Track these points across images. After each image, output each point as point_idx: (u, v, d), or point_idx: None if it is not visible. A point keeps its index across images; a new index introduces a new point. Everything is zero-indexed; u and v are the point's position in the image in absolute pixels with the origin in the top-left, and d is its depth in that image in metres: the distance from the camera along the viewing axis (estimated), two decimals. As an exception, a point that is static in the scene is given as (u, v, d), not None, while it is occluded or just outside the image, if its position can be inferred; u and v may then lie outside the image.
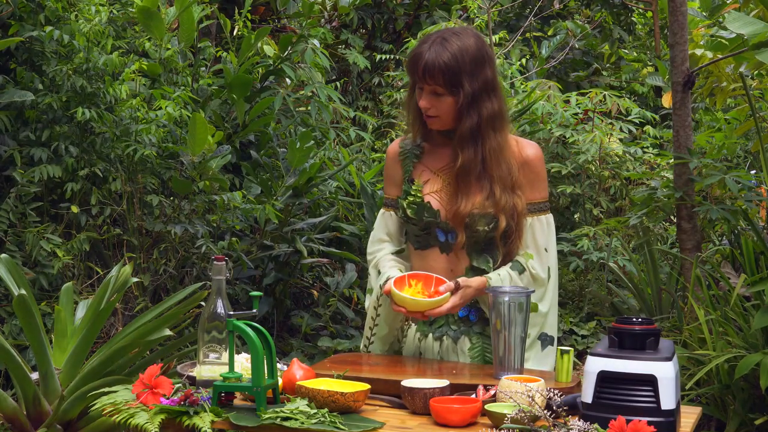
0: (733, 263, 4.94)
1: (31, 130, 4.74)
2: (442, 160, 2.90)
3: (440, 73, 2.73)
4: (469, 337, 2.87)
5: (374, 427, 2.25)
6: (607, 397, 2.16)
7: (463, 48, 2.75)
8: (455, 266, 2.86)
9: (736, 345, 4.25)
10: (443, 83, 2.74)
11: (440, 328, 2.89)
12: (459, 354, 2.87)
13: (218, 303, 2.41)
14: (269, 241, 5.31)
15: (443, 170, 2.89)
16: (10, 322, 4.38)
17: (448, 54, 2.74)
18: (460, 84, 2.74)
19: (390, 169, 2.99)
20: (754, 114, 4.88)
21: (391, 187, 2.99)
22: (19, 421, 3.63)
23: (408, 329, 2.94)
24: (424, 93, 2.78)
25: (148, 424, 2.22)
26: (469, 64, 2.75)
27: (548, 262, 2.85)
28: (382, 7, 8.18)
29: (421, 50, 2.77)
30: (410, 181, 2.91)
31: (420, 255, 2.90)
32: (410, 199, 2.87)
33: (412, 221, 2.87)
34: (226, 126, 5.52)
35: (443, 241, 2.86)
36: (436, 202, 2.86)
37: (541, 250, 2.84)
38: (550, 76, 8.74)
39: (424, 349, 2.90)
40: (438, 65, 2.72)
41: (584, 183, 6.96)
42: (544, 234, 2.86)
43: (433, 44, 2.76)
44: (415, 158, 2.93)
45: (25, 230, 4.56)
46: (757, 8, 4.87)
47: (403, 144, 2.97)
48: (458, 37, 2.78)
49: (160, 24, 5.04)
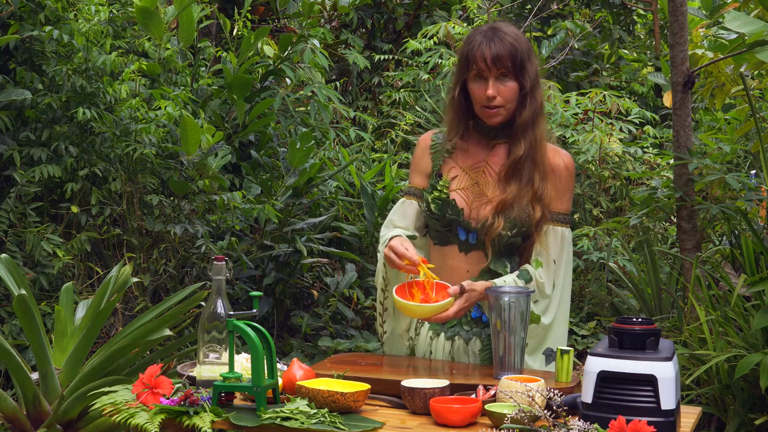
0: (733, 263, 4.94)
1: (30, 130, 4.74)
2: (472, 158, 2.89)
3: (509, 57, 2.75)
4: (480, 338, 2.86)
5: (374, 427, 2.25)
6: (607, 397, 2.16)
7: (518, 35, 2.80)
8: (472, 266, 2.85)
9: (736, 345, 4.25)
10: (511, 66, 2.76)
11: (452, 328, 2.88)
12: (470, 355, 2.86)
13: (218, 303, 2.41)
14: (269, 241, 5.31)
15: (473, 168, 2.88)
16: (10, 322, 4.38)
17: (510, 38, 2.77)
18: (525, 68, 2.78)
19: (419, 158, 2.98)
20: (754, 114, 4.88)
21: (416, 176, 2.97)
22: (19, 421, 3.63)
23: (421, 327, 2.93)
24: (491, 81, 2.78)
25: (148, 424, 2.22)
26: (527, 50, 2.80)
27: (555, 275, 2.82)
28: (381, 7, 8.17)
29: (476, 41, 2.78)
30: (438, 176, 2.89)
31: (439, 251, 2.89)
32: (435, 194, 2.86)
33: (434, 216, 2.86)
34: (226, 126, 5.52)
35: (463, 240, 2.85)
36: (462, 200, 2.84)
37: (550, 261, 2.81)
38: (550, 77, 8.73)
39: (435, 349, 2.89)
40: (507, 50, 2.75)
41: (584, 183, 6.96)
42: (557, 246, 2.83)
43: (489, 34, 2.78)
44: (447, 153, 2.92)
45: (26, 230, 4.56)
46: (757, 8, 4.87)
47: (436, 137, 2.96)
48: (508, 27, 2.82)
49: (159, 24, 5.04)
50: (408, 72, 7.47)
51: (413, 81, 7.52)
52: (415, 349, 2.93)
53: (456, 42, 7.39)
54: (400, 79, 7.75)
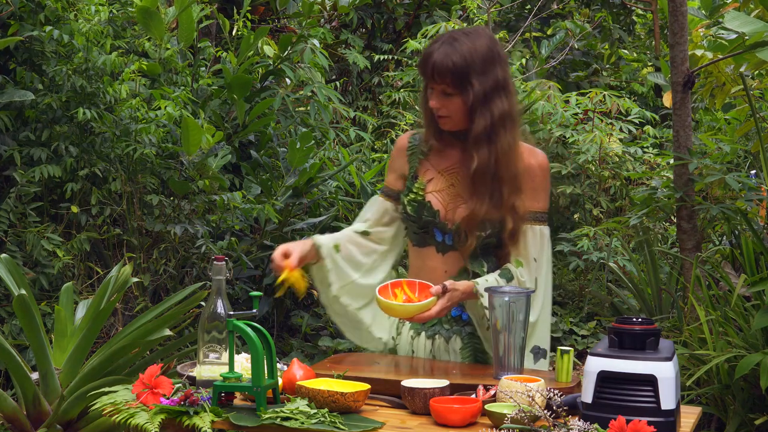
0: (733, 263, 4.94)
1: (30, 130, 4.74)
2: (448, 160, 2.90)
3: (448, 73, 2.73)
4: (460, 336, 2.88)
5: (374, 427, 2.25)
6: (607, 397, 2.16)
7: (472, 48, 2.76)
8: (450, 267, 2.87)
9: (736, 345, 4.25)
10: (451, 83, 2.74)
11: (432, 327, 2.90)
12: (451, 353, 2.88)
13: (218, 303, 2.41)
14: (269, 241, 5.31)
15: (448, 171, 2.89)
16: (10, 322, 4.38)
17: (457, 54, 2.74)
18: (469, 84, 2.74)
19: (393, 159, 3.00)
20: (754, 114, 4.88)
21: (390, 175, 3.00)
22: (19, 421, 3.63)
23: (402, 327, 2.95)
24: (434, 93, 2.79)
25: (148, 424, 2.22)
26: (479, 63, 2.75)
27: (536, 273, 2.83)
28: (381, 7, 8.17)
29: (431, 50, 2.78)
30: (414, 178, 2.91)
31: (418, 252, 2.91)
32: (411, 196, 2.88)
33: (411, 218, 2.88)
34: (226, 126, 5.52)
35: (440, 241, 2.87)
36: (437, 201, 2.86)
37: (530, 260, 2.82)
38: (550, 77, 8.74)
39: (417, 348, 2.91)
40: (446, 65, 2.73)
41: (584, 183, 6.97)
42: (536, 244, 2.84)
43: (443, 44, 2.77)
44: (422, 155, 2.93)
45: (26, 230, 4.56)
46: (757, 8, 4.87)
47: (413, 138, 2.98)
48: (468, 37, 2.78)
49: (159, 24, 5.04)
50: (408, 72, 7.47)
51: (413, 81, 7.52)
52: (397, 348, 2.94)
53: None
54: (400, 79, 7.75)
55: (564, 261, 6.70)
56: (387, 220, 2.98)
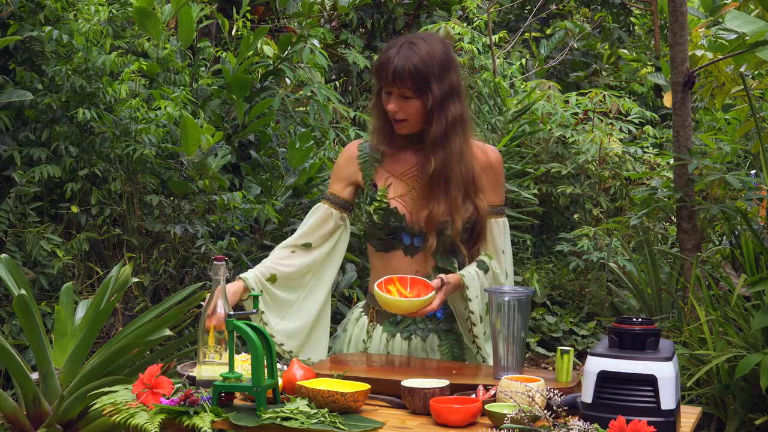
0: (733, 263, 4.94)
1: (30, 130, 4.74)
2: (404, 164, 2.93)
3: (409, 77, 2.76)
4: (437, 334, 2.92)
5: (374, 427, 2.25)
6: (607, 397, 2.16)
7: (431, 52, 2.79)
8: (420, 267, 2.90)
9: (736, 345, 4.25)
10: (412, 86, 2.78)
11: (407, 327, 2.93)
12: (429, 351, 2.91)
13: (218, 303, 2.41)
14: (269, 241, 5.30)
15: (406, 174, 2.92)
16: (10, 322, 4.38)
17: (417, 58, 2.77)
18: (429, 87, 2.78)
19: (341, 167, 3.00)
20: (755, 114, 4.88)
21: (335, 183, 3.00)
22: (19, 421, 3.63)
23: (373, 330, 2.96)
24: (393, 96, 2.81)
25: (148, 424, 2.22)
26: (437, 68, 2.80)
27: (505, 264, 2.93)
28: (381, 6, 8.17)
29: (389, 55, 2.80)
30: (373, 186, 2.92)
31: (382, 257, 2.93)
32: (376, 204, 2.89)
33: (378, 226, 2.89)
34: (225, 126, 5.52)
35: (408, 244, 2.90)
36: (402, 207, 2.89)
37: (499, 252, 2.92)
38: (550, 77, 8.74)
39: (392, 349, 2.92)
40: (407, 69, 2.76)
41: (584, 183, 6.97)
42: (502, 236, 2.93)
43: (401, 48, 2.80)
44: (376, 162, 2.95)
45: (25, 230, 4.56)
46: (757, 8, 4.87)
47: (362, 147, 2.99)
48: (425, 42, 2.82)
49: (156, 23, 5.04)
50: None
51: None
52: (368, 352, 2.95)
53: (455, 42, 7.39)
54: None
55: (564, 261, 6.71)
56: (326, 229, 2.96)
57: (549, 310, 6.64)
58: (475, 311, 2.82)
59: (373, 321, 2.96)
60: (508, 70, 7.39)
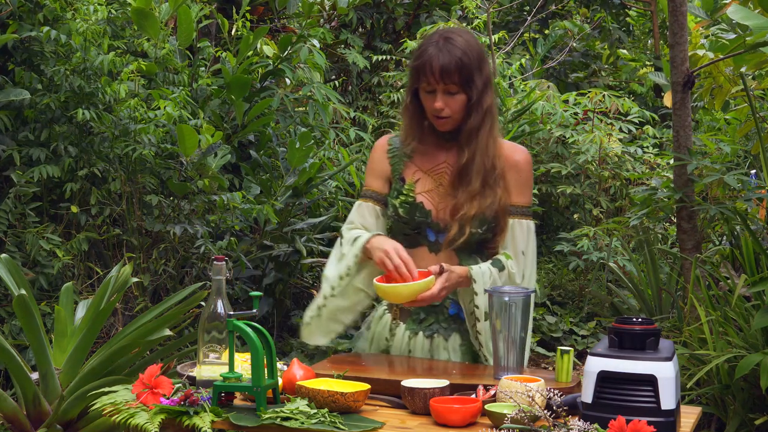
0: (733, 263, 4.94)
1: (29, 130, 4.73)
2: (432, 160, 2.93)
3: (456, 71, 2.77)
4: (459, 333, 2.90)
5: (374, 427, 2.25)
6: (607, 397, 2.16)
7: (468, 45, 2.81)
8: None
9: (736, 345, 4.25)
10: (458, 80, 2.78)
11: (430, 326, 2.91)
12: (450, 351, 2.89)
13: (218, 303, 2.41)
14: (269, 241, 5.30)
15: (434, 171, 2.91)
16: (10, 322, 4.38)
17: (459, 51, 2.78)
18: (473, 81, 2.79)
19: (376, 161, 2.99)
20: (754, 114, 4.88)
21: (373, 179, 2.99)
22: (19, 421, 3.63)
23: (396, 328, 2.94)
24: (438, 94, 2.80)
25: (148, 424, 2.22)
26: (476, 60, 2.81)
27: (524, 267, 2.88)
28: (381, 7, 8.17)
29: (429, 53, 2.79)
30: (401, 180, 2.92)
31: (407, 253, 2.91)
32: (402, 198, 2.88)
33: (403, 220, 2.88)
34: (225, 126, 5.52)
35: (433, 241, 2.89)
36: (428, 202, 2.88)
37: (519, 254, 2.88)
38: (550, 78, 8.74)
39: (414, 348, 2.91)
40: (454, 63, 2.76)
41: (584, 183, 6.97)
42: (524, 238, 2.89)
43: (439, 45, 2.79)
44: (406, 158, 2.94)
45: (25, 230, 4.56)
46: (756, 9, 4.86)
47: (392, 141, 2.99)
48: (460, 36, 2.83)
49: (154, 23, 5.03)
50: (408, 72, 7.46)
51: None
52: (390, 349, 2.94)
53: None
54: (399, 79, 7.75)
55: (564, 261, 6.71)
56: (379, 226, 2.97)
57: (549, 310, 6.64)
58: (480, 306, 2.79)
59: (396, 319, 2.94)
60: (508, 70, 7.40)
